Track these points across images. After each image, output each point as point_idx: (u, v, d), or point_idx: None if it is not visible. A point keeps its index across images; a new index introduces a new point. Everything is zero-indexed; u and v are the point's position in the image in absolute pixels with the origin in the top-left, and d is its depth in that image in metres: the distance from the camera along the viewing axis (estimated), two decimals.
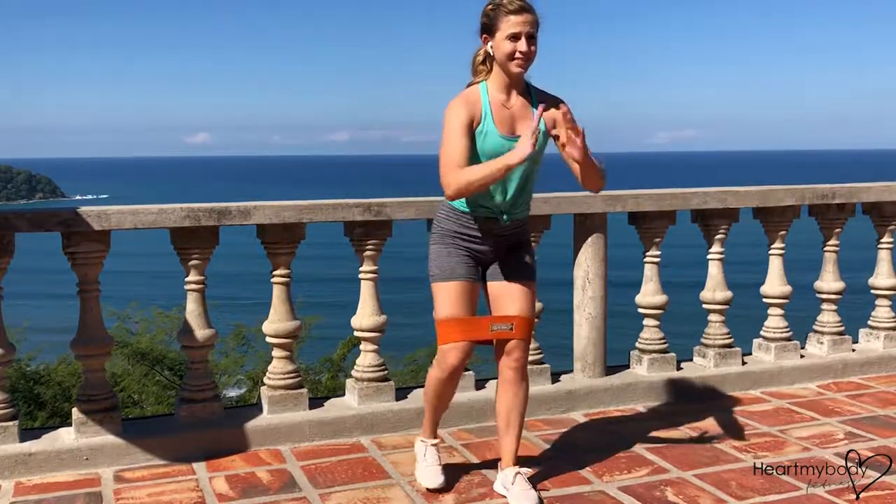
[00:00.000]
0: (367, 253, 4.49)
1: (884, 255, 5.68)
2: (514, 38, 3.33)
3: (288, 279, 4.41)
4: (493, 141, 3.40)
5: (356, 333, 4.58)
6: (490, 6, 3.39)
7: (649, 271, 5.09)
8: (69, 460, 3.93)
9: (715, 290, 5.23)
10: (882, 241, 5.67)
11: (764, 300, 5.42)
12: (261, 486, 3.75)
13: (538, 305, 4.80)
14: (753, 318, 5.60)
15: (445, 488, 3.67)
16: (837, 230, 5.52)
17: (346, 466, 3.98)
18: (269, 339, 4.45)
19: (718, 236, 5.19)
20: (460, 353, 3.49)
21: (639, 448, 4.18)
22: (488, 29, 3.40)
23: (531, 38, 3.35)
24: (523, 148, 3.22)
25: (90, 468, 3.95)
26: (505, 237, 3.59)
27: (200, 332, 4.24)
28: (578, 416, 4.70)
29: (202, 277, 4.27)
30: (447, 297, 3.50)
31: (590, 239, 4.85)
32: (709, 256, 5.26)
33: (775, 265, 5.39)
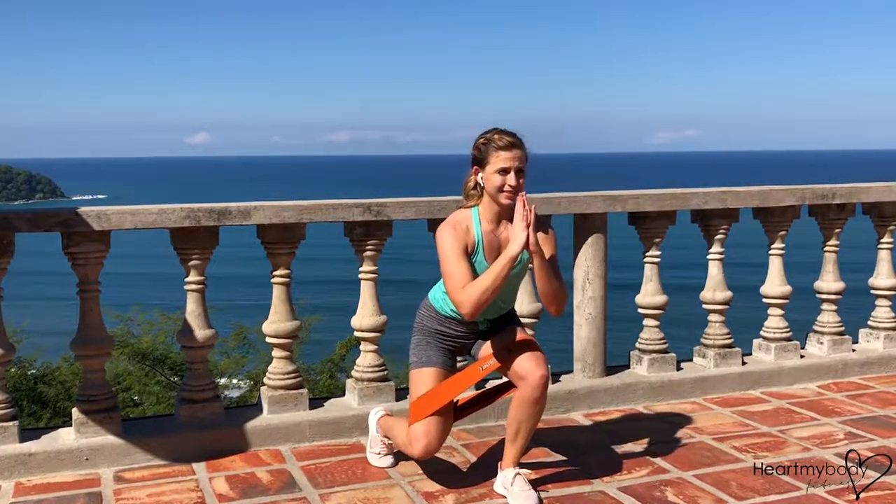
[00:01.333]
0: (367, 253, 4.49)
1: (884, 256, 5.68)
2: (504, 172, 3.49)
3: (288, 279, 4.41)
4: (482, 270, 3.52)
5: (356, 334, 4.58)
6: (482, 140, 3.55)
7: (649, 271, 5.09)
8: (69, 460, 3.93)
9: (715, 290, 5.23)
10: (882, 241, 5.67)
11: (764, 300, 5.42)
12: (261, 487, 3.75)
13: (537, 305, 4.81)
14: (753, 322, 5.60)
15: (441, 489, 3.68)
16: (837, 230, 5.52)
17: (346, 466, 3.98)
18: (269, 340, 4.45)
19: (718, 236, 5.19)
20: (428, 433, 3.56)
21: (639, 448, 4.18)
22: (479, 162, 3.56)
23: (520, 172, 3.51)
24: (518, 236, 3.37)
25: (90, 468, 3.95)
26: (484, 333, 3.78)
27: (200, 333, 4.24)
28: (578, 417, 4.70)
29: (202, 278, 4.27)
30: (422, 382, 3.69)
31: (590, 239, 4.85)
32: (709, 256, 5.26)
33: (775, 265, 5.39)
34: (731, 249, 5.37)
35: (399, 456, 3.99)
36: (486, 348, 3.73)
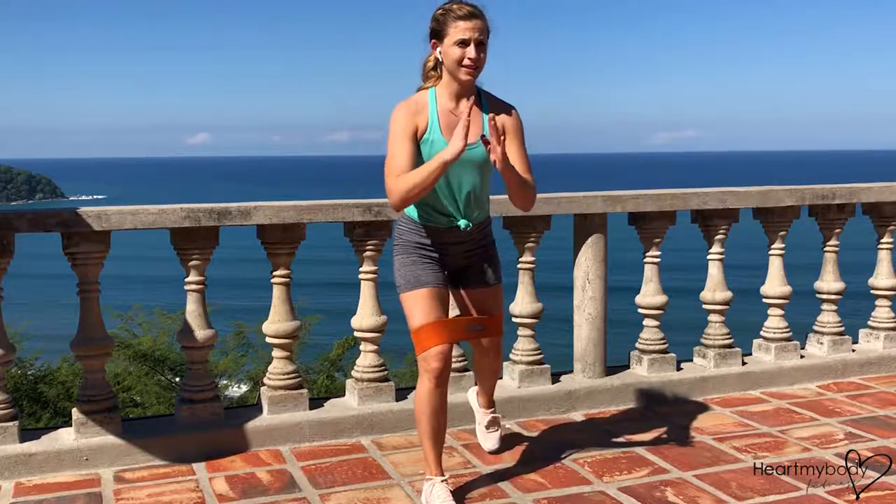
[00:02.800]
0: (367, 253, 4.49)
1: (884, 256, 5.68)
2: (463, 44, 3.30)
3: (288, 279, 4.41)
4: (441, 149, 3.31)
5: (356, 334, 4.58)
6: (439, 11, 3.36)
7: (649, 272, 5.09)
8: (69, 461, 3.93)
9: (715, 290, 5.23)
10: (882, 241, 5.67)
11: (764, 300, 5.42)
12: (261, 487, 3.75)
13: (537, 305, 4.80)
14: (752, 325, 5.59)
15: None
16: (837, 230, 5.52)
17: (346, 467, 3.98)
18: (269, 340, 4.45)
19: (718, 237, 5.19)
20: (442, 355, 3.41)
21: (639, 448, 4.18)
22: (437, 34, 3.37)
23: (480, 45, 3.33)
24: (456, 143, 3.14)
25: (90, 468, 3.95)
26: (466, 243, 3.57)
27: (200, 333, 4.24)
28: (578, 417, 4.70)
29: (202, 278, 4.27)
30: (416, 307, 3.46)
31: (590, 239, 4.85)
32: (709, 257, 5.26)
33: (775, 265, 5.39)
34: (731, 251, 5.36)
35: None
36: (463, 299, 3.71)
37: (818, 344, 5.52)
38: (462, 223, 3.48)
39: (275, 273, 4.40)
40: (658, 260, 5.09)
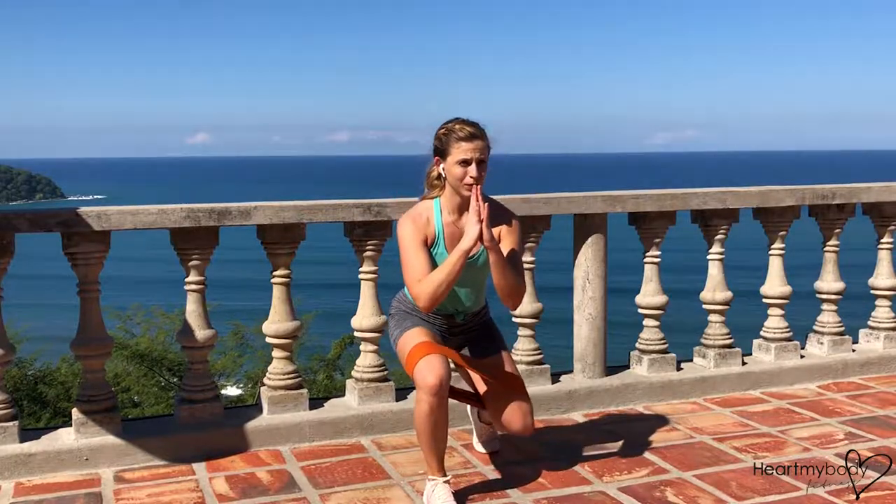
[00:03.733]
0: (367, 253, 4.49)
1: (884, 256, 5.68)
2: (465, 163, 3.46)
3: (288, 279, 4.41)
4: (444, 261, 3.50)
5: (356, 334, 4.58)
6: (442, 131, 3.54)
7: (649, 272, 5.09)
8: (69, 461, 3.93)
9: (715, 290, 5.23)
10: (882, 241, 5.67)
11: (764, 300, 5.42)
12: (261, 487, 3.75)
13: (537, 305, 4.80)
14: (752, 327, 5.59)
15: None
16: (837, 230, 5.52)
17: (346, 467, 3.98)
18: (269, 340, 4.44)
19: (718, 237, 5.19)
20: (435, 368, 3.38)
21: (639, 448, 4.18)
22: (440, 152, 3.54)
23: (481, 163, 3.48)
24: (471, 231, 3.33)
25: (90, 468, 3.95)
26: (463, 326, 3.76)
27: (200, 333, 4.24)
28: (578, 417, 4.70)
29: (202, 278, 4.26)
30: (411, 339, 3.58)
31: (590, 239, 4.85)
32: (709, 257, 5.26)
33: (775, 265, 5.39)
34: (731, 252, 5.36)
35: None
36: (476, 370, 3.70)
37: (818, 344, 5.52)
38: (459, 318, 3.71)
39: (275, 273, 4.40)
40: (658, 260, 5.09)
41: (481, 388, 3.75)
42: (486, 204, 3.40)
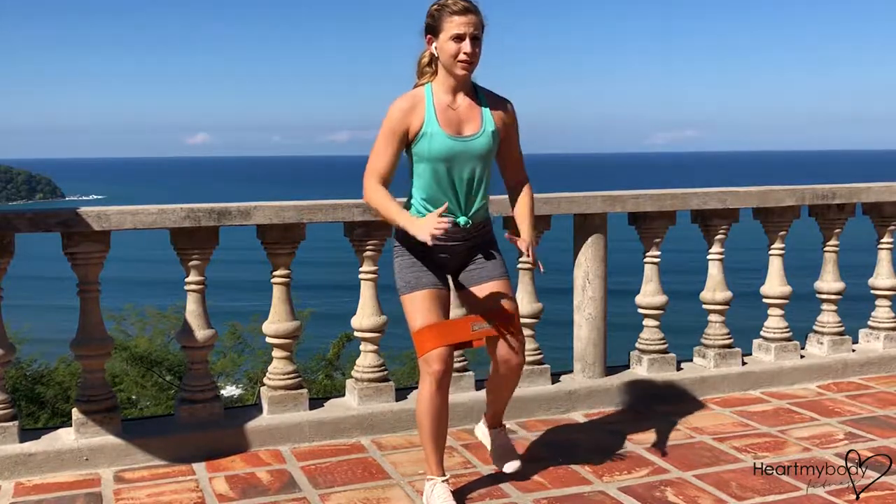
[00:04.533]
0: (367, 253, 4.49)
1: (884, 256, 5.68)
2: (458, 39, 3.30)
3: (288, 279, 4.41)
4: (441, 142, 3.36)
5: (356, 334, 4.58)
6: (434, 6, 3.36)
7: (649, 272, 5.09)
8: (69, 461, 3.93)
9: (715, 290, 5.23)
10: (882, 241, 5.67)
11: (764, 300, 5.42)
12: (261, 487, 3.75)
13: (537, 305, 4.80)
14: (751, 328, 5.58)
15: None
16: (837, 230, 5.52)
17: (346, 467, 3.98)
18: (269, 340, 4.44)
19: (718, 237, 5.19)
20: (443, 358, 3.38)
21: (639, 448, 4.18)
22: (432, 30, 3.37)
23: (475, 40, 3.32)
24: (424, 231, 3.16)
25: (90, 468, 3.95)
26: (466, 240, 3.54)
27: (200, 333, 4.24)
28: (578, 417, 4.70)
29: (202, 278, 4.26)
30: (416, 310, 3.44)
31: (590, 239, 4.85)
32: (709, 257, 5.26)
33: (775, 265, 5.39)
34: (730, 253, 5.36)
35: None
36: (469, 299, 3.56)
37: (818, 344, 5.52)
38: (462, 220, 3.46)
39: (275, 273, 4.40)
40: (658, 260, 5.09)
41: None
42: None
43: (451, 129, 3.38)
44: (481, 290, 3.54)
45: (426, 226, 3.18)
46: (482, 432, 3.93)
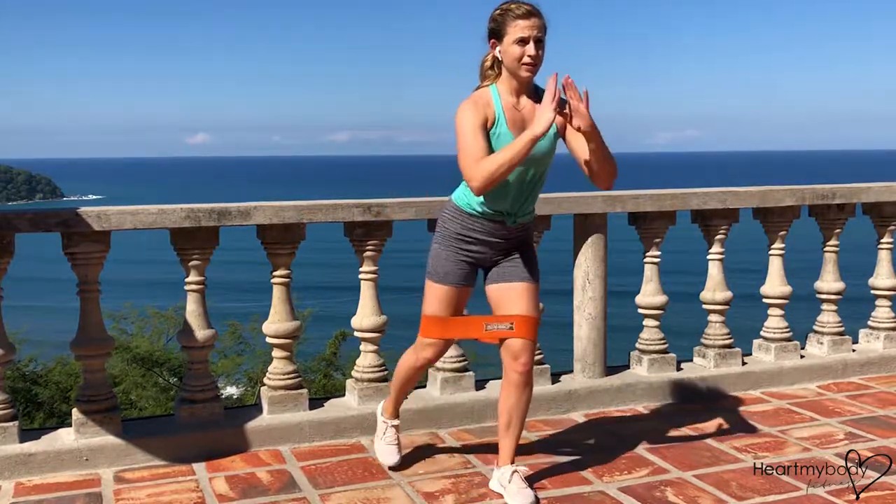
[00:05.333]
0: (367, 253, 4.49)
1: (884, 256, 5.68)
2: (523, 42, 3.34)
3: (288, 279, 4.41)
4: (507, 142, 3.38)
5: (356, 334, 4.58)
6: (498, 11, 3.41)
7: (649, 272, 5.09)
8: (69, 461, 3.93)
9: (715, 290, 5.23)
10: (882, 241, 5.67)
11: (764, 300, 5.42)
12: (261, 487, 3.75)
13: (539, 306, 4.79)
14: (751, 330, 5.58)
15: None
16: (837, 230, 5.52)
17: (346, 467, 3.98)
18: (269, 340, 4.44)
19: (718, 237, 5.19)
20: (436, 349, 3.74)
21: (639, 448, 4.18)
22: (496, 34, 3.41)
23: (539, 43, 3.37)
24: (545, 116, 3.21)
25: (90, 468, 3.95)
26: (508, 240, 3.59)
27: (200, 333, 4.24)
28: (578, 417, 4.70)
29: (202, 278, 4.26)
30: (435, 298, 3.62)
31: (590, 239, 4.85)
32: (709, 257, 5.26)
33: (775, 265, 5.39)
34: (730, 254, 5.35)
35: (406, 459, 3.99)
36: (496, 294, 3.58)
37: (818, 344, 5.52)
38: (510, 220, 3.54)
39: (275, 273, 4.40)
40: (658, 260, 5.09)
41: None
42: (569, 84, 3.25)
43: (517, 131, 3.43)
44: (509, 290, 3.58)
45: (543, 115, 3.23)
46: (496, 482, 3.64)
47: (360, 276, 4.53)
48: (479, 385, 4.75)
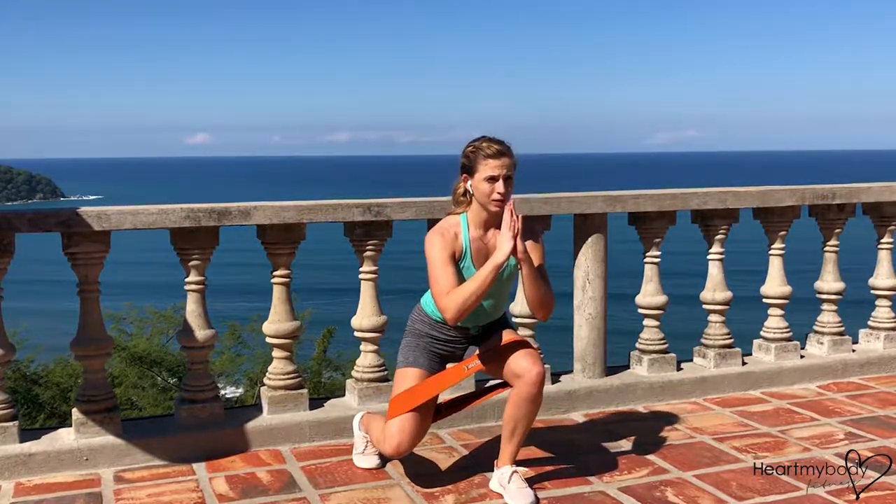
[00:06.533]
0: (367, 253, 4.49)
1: (884, 256, 5.68)
2: (493, 180, 3.52)
3: (288, 279, 4.41)
4: (471, 276, 3.55)
5: (356, 334, 4.58)
6: (470, 148, 3.58)
7: (649, 272, 5.09)
8: (69, 461, 3.93)
9: (715, 290, 5.23)
10: (882, 241, 5.67)
11: (764, 300, 5.42)
12: (261, 487, 3.75)
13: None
14: (750, 332, 5.57)
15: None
16: (837, 230, 5.52)
17: (346, 467, 3.97)
18: (269, 340, 4.44)
19: (718, 237, 5.19)
20: (405, 432, 3.57)
21: (639, 448, 4.18)
22: (468, 169, 3.59)
23: (508, 180, 3.54)
24: (504, 245, 3.41)
25: (90, 468, 3.95)
26: (474, 339, 3.80)
27: (201, 333, 4.24)
28: (578, 417, 4.70)
29: (202, 278, 4.27)
30: (404, 382, 3.70)
31: (590, 239, 4.85)
32: (709, 257, 5.26)
33: (775, 265, 5.39)
34: (729, 256, 5.35)
35: (385, 457, 3.98)
36: (473, 350, 3.75)
37: (818, 344, 5.52)
38: (473, 330, 3.76)
39: (275, 273, 4.40)
40: (658, 260, 5.09)
41: (496, 373, 3.70)
42: (519, 217, 3.45)
43: (480, 264, 3.59)
44: (494, 340, 3.75)
45: (503, 246, 3.43)
46: (496, 482, 3.67)
47: (360, 276, 4.53)
48: (479, 385, 4.74)
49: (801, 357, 5.39)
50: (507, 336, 3.72)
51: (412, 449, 3.67)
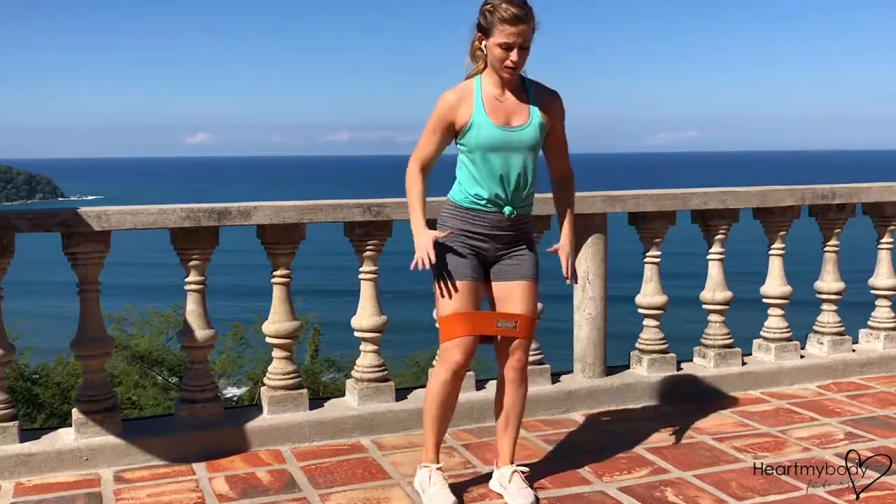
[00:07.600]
0: (367, 253, 4.49)
1: (884, 256, 5.67)
2: (507, 47, 3.32)
3: (288, 279, 4.41)
4: (489, 131, 3.40)
5: (356, 334, 4.58)
6: (488, 6, 3.34)
7: (649, 272, 5.09)
8: (69, 461, 3.93)
9: (715, 290, 5.23)
10: (882, 241, 5.67)
11: (764, 300, 5.42)
12: (261, 487, 3.75)
13: (539, 306, 4.80)
14: (750, 333, 5.56)
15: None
16: (837, 230, 5.52)
17: (346, 467, 3.98)
18: (269, 340, 4.44)
19: (718, 237, 5.19)
20: (466, 348, 3.43)
21: (639, 448, 4.18)
22: (483, 30, 3.39)
23: (522, 50, 3.35)
24: (419, 249, 3.41)
25: (90, 468, 3.95)
26: (508, 234, 3.56)
27: (201, 333, 4.24)
28: (578, 417, 4.70)
29: (202, 278, 4.27)
30: (450, 294, 3.47)
31: (590, 239, 4.85)
32: (709, 257, 5.26)
33: (775, 265, 5.39)
34: (729, 257, 5.35)
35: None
36: (498, 291, 3.57)
37: (818, 344, 5.52)
38: (507, 210, 3.50)
39: (275, 273, 4.40)
40: (658, 260, 5.09)
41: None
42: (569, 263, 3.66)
43: (499, 120, 3.42)
44: (510, 288, 3.57)
45: (421, 247, 3.40)
46: (496, 482, 3.66)
47: (360, 276, 4.53)
48: (479, 385, 4.75)
49: (801, 357, 5.39)
50: (520, 291, 3.55)
51: (469, 365, 3.53)
